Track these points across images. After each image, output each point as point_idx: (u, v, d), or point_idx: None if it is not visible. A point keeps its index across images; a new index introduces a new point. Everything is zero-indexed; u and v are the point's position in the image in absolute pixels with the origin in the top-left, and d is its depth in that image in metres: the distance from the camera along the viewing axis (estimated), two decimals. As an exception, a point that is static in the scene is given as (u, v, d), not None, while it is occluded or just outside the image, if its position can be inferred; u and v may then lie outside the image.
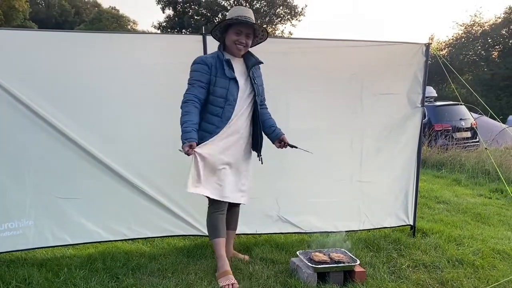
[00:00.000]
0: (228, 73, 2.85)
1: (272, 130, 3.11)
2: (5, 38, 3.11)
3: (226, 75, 2.84)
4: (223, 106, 2.86)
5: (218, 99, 2.85)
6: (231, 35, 2.90)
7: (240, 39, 2.89)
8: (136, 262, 3.24)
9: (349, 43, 3.72)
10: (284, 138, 3.10)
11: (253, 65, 2.99)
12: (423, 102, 3.87)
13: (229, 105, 2.86)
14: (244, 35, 2.90)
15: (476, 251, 3.59)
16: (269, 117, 3.17)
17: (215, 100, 2.86)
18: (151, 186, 3.49)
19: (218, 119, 2.86)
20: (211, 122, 2.88)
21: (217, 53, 2.93)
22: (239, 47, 2.91)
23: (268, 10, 34.96)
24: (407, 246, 3.67)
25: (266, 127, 3.12)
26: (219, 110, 2.86)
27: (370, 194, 3.91)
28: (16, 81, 3.09)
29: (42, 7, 48.21)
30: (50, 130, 3.20)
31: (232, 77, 2.86)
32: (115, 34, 3.68)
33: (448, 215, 4.95)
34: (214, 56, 2.91)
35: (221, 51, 2.94)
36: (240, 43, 2.90)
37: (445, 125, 9.95)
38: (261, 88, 3.08)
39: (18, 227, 3.24)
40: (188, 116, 2.76)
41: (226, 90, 2.85)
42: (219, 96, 2.85)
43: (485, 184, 6.99)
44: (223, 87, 2.85)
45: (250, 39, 2.95)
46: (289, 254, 3.41)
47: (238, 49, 2.92)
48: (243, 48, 2.93)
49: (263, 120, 3.12)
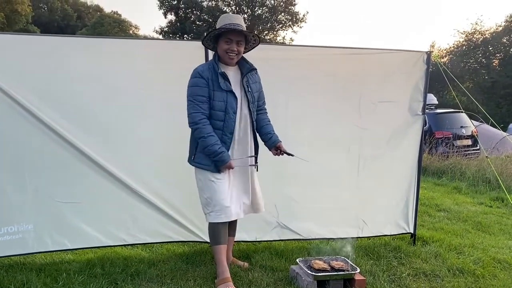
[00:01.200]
0: (224, 85, 2.83)
1: (268, 137, 3.09)
2: (7, 42, 3.12)
3: (222, 88, 2.82)
4: (223, 119, 2.84)
5: (218, 113, 2.83)
6: (222, 44, 2.86)
7: (231, 47, 2.85)
8: (135, 268, 3.23)
9: (350, 50, 3.74)
10: (281, 145, 3.08)
11: (247, 72, 2.96)
12: (424, 109, 3.87)
13: (230, 118, 2.84)
14: (234, 43, 2.85)
15: (477, 260, 3.58)
16: (266, 123, 3.14)
17: (215, 114, 2.84)
18: (151, 191, 3.49)
19: (220, 132, 2.85)
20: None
21: (212, 65, 2.88)
22: (231, 56, 2.87)
23: (270, 16, 35.09)
24: (407, 254, 3.66)
25: (263, 134, 3.11)
26: (220, 124, 2.84)
27: (370, 201, 3.90)
28: (18, 85, 3.10)
29: (45, 11, 48.40)
30: (50, 134, 3.21)
31: (228, 90, 2.84)
32: (117, 39, 3.69)
33: (449, 223, 4.93)
34: (210, 67, 2.87)
35: (216, 61, 2.90)
36: (232, 51, 2.85)
37: (446, 133, 9.94)
38: (257, 94, 3.05)
39: (17, 231, 3.23)
40: (211, 137, 2.78)
41: (225, 103, 2.83)
42: (219, 110, 2.83)
43: (486, 192, 6.98)
44: (221, 101, 2.83)
45: (241, 46, 2.90)
46: (289, 261, 3.40)
47: (230, 58, 2.88)
48: (235, 57, 2.89)
49: (260, 126, 3.10)
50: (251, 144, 3.04)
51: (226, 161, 2.82)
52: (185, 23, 34.46)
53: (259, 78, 3.08)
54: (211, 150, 2.79)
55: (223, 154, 2.80)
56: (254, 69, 2.99)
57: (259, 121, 3.09)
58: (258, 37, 3.01)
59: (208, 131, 2.79)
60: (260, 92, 3.09)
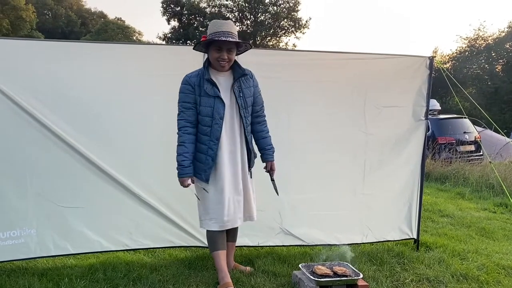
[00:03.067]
0: (211, 91, 2.82)
1: (264, 152, 3.10)
2: (12, 47, 3.14)
3: (209, 94, 2.82)
4: (210, 125, 2.83)
5: (205, 118, 2.83)
6: (212, 52, 2.84)
7: (221, 55, 2.81)
8: (137, 273, 3.22)
9: (353, 55, 3.73)
10: (272, 165, 3.12)
11: (238, 77, 2.93)
12: (427, 115, 3.86)
13: (216, 124, 2.83)
14: (225, 50, 2.82)
15: (481, 266, 3.55)
16: (263, 137, 3.10)
17: (202, 120, 2.84)
18: (153, 196, 3.49)
19: (207, 138, 2.84)
20: (202, 142, 2.87)
21: (202, 70, 2.88)
22: (222, 64, 2.84)
23: (273, 22, 35.23)
24: (410, 260, 3.63)
25: (259, 148, 3.11)
26: (207, 129, 2.84)
27: (373, 207, 3.89)
28: (21, 90, 3.11)
29: (49, 17, 48.73)
30: (53, 138, 3.22)
31: (216, 95, 2.83)
32: (121, 45, 3.71)
33: (452, 229, 4.91)
34: (200, 73, 2.87)
35: (205, 67, 2.89)
36: (222, 59, 2.83)
37: (449, 138, 9.92)
38: (251, 99, 2.98)
39: (20, 235, 3.24)
40: (183, 147, 2.82)
41: (212, 108, 2.82)
42: (206, 115, 2.83)
43: (490, 198, 6.94)
44: (208, 106, 2.82)
45: (232, 53, 2.87)
46: (292, 266, 3.38)
47: (221, 65, 2.85)
48: (226, 64, 2.86)
49: (256, 139, 3.09)
50: (242, 150, 2.99)
51: (181, 175, 2.83)
52: (188, 29, 34.67)
53: (255, 83, 3.04)
54: (177, 159, 2.83)
55: (182, 168, 2.81)
56: (246, 74, 2.95)
57: (256, 132, 3.08)
58: (249, 44, 3.00)
59: (183, 140, 2.82)
60: (256, 97, 3.03)
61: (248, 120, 2.99)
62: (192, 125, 2.85)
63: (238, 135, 2.95)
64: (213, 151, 2.84)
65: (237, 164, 2.95)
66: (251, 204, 3.07)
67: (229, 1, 35.03)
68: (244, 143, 2.98)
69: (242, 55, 3.03)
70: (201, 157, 2.87)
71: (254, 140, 3.10)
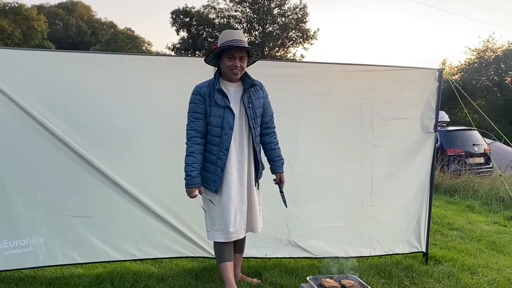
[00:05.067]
0: (221, 101, 2.82)
1: (272, 163, 3.10)
2: (23, 58, 3.19)
3: (219, 104, 2.83)
4: (220, 136, 2.83)
5: (215, 129, 2.84)
6: (225, 61, 2.85)
7: (234, 63, 2.83)
8: (145, 283, 3.22)
9: (361, 67, 3.74)
10: (282, 176, 3.11)
11: (248, 88, 2.93)
12: (436, 127, 3.84)
13: (226, 134, 2.83)
14: (237, 59, 2.83)
15: (491, 281, 3.50)
16: (273, 148, 3.09)
17: (212, 130, 2.85)
18: (161, 206, 3.50)
19: (217, 148, 2.84)
20: (211, 152, 2.87)
21: (213, 81, 2.89)
22: (235, 72, 2.85)
23: (281, 33, 35.40)
24: (419, 273, 3.59)
25: (268, 159, 3.11)
26: (216, 140, 2.84)
27: (381, 220, 3.86)
28: (32, 99, 3.16)
29: (60, 27, 49.49)
30: (62, 148, 3.25)
31: (226, 106, 2.83)
32: (130, 56, 3.75)
33: (462, 242, 4.85)
34: (210, 84, 2.88)
35: (216, 78, 2.90)
36: (235, 67, 2.83)
37: (458, 150, 9.83)
38: (261, 110, 2.99)
39: (28, 244, 3.25)
40: (191, 157, 2.82)
41: (222, 119, 2.82)
42: (215, 126, 2.83)
43: (500, 211, 6.85)
44: (218, 116, 2.82)
45: (244, 61, 2.89)
46: (299, 279, 3.36)
47: (234, 73, 2.86)
48: (239, 72, 2.87)
49: (265, 150, 3.09)
50: (250, 161, 2.98)
51: (189, 186, 2.82)
52: (197, 40, 34.97)
53: (265, 94, 3.05)
54: (185, 170, 2.83)
55: (190, 178, 2.81)
56: (255, 84, 2.95)
57: (266, 144, 3.07)
58: (261, 51, 3.01)
59: (192, 150, 2.82)
60: (266, 108, 3.04)
61: (257, 131, 2.98)
62: (201, 136, 2.85)
63: (247, 146, 2.95)
64: (222, 161, 2.84)
65: (244, 175, 2.94)
66: (256, 216, 3.04)
67: (237, 12, 35.34)
68: (252, 154, 2.98)
69: (250, 67, 3.05)
70: (210, 168, 2.87)
71: (264, 151, 3.10)
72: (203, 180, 2.89)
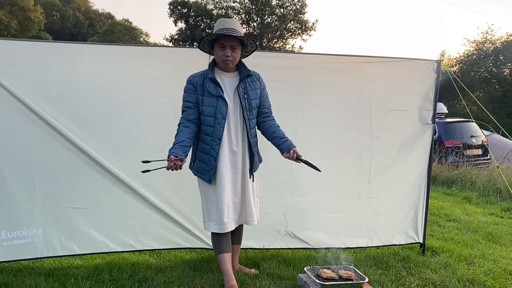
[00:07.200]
0: (213, 91, 2.79)
1: (284, 141, 2.93)
2: (20, 49, 3.17)
3: (212, 94, 2.80)
4: (213, 125, 2.80)
5: (208, 118, 2.81)
6: (216, 50, 2.81)
7: (225, 53, 2.77)
8: (143, 274, 3.23)
9: (359, 59, 3.73)
10: (296, 150, 2.92)
11: (243, 78, 2.89)
12: (434, 118, 3.85)
13: (219, 124, 2.79)
14: (228, 48, 2.77)
15: (488, 271, 3.53)
16: (277, 128, 3.00)
17: (205, 120, 2.82)
18: (160, 197, 3.51)
19: (210, 138, 2.82)
20: (205, 142, 2.85)
21: (207, 70, 2.87)
22: (226, 62, 2.80)
23: (279, 24, 35.27)
24: (416, 264, 3.62)
25: (276, 137, 2.95)
26: (209, 129, 2.82)
27: (379, 211, 3.87)
28: (29, 91, 3.14)
29: (57, 18, 49.05)
30: (61, 139, 3.24)
31: (218, 95, 2.80)
32: (128, 46, 3.72)
33: (459, 233, 4.88)
34: (204, 73, 2.86)
35: (211, 67, 2.87)
36: (226, 57, 2.78)
37: (456, 142, 9.86)
38: (256, 102, 2.93)
39: (27, 235, 3.26)
40: (177, 137, 2.79)
41: (214, 108, 2.79)
42: (208, 115, 2.81)
43: (497, 202, 6.89)
44: (210, 106, 2.80)
45: (237, 51, 2.82)
46: (297, 269, 3.38)
47: (225, 63, 2.81)
48: (230, 62, 2.81)
49: (271, 131, 2.98)
50: (244, 152, 2.94)
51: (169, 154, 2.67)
52: (195, 31, 34.79)
53: (263, 85, 3.00)
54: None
55: (171, 150, 2.69)
56: (251, 75, 2.91)
57: (268, 127, 3.00)
58: (254, 42, 2.95)
59: (178, 131, 2.80)
60: (263, 100, 2.99)
61: (252, 123, 2.94)
62: (190, 122, 2.82)
63: (241, 137, 2.92)
64: (215, 151, 2.82)
65: (238, 166, 2.92)
66: (251, 208, 2.98)
67: (236, 3, 35.17)
68: (247, 145, 2.94)
69: (248, 58, 3.03)
70: (204, 157, 2.86)
71: (269, 137, 3.01)
72: (199, 171, 2.89)
